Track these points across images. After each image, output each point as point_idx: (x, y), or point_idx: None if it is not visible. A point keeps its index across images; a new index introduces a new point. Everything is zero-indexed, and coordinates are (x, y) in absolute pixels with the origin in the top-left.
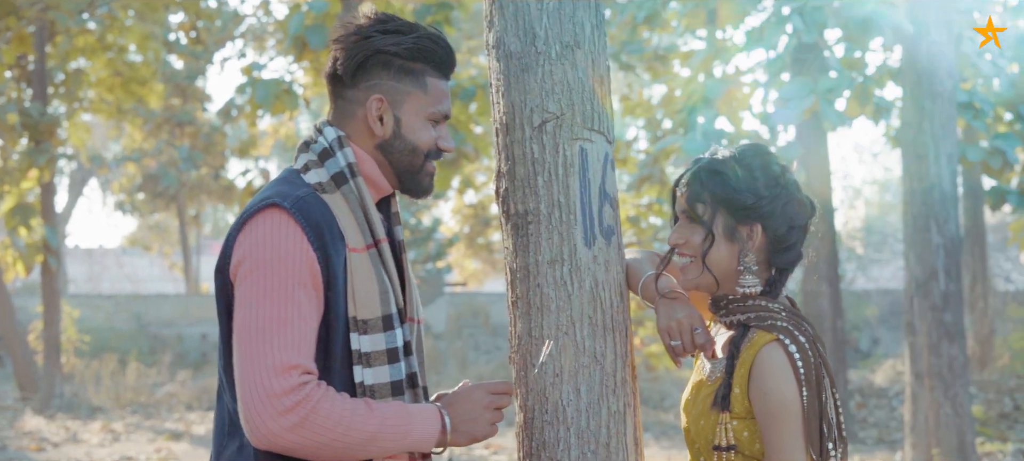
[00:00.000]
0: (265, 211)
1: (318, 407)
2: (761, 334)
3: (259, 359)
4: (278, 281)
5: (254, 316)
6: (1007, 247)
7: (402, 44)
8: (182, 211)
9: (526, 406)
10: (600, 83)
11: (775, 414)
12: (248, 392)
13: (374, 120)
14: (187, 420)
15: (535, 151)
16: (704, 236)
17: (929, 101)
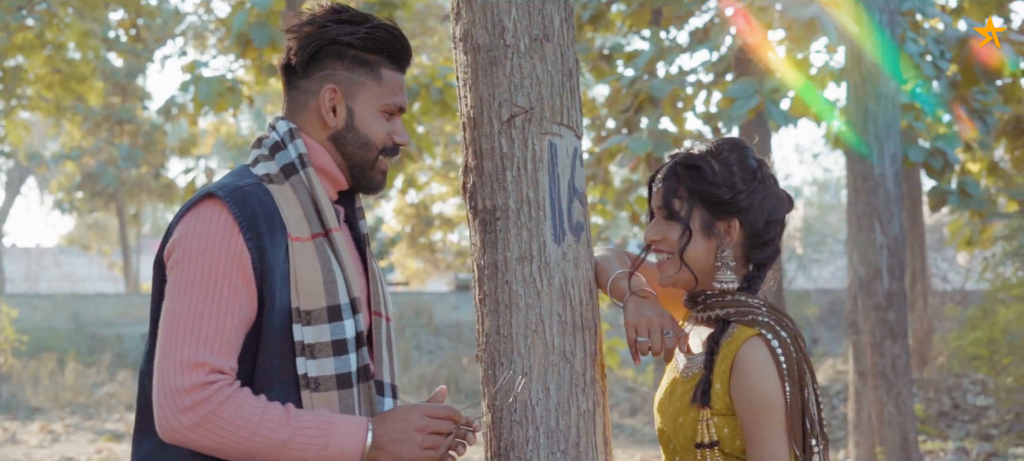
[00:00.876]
0: (202, 202)
1: (221, 408)
2: (742, 329)
3: (171, 354)
4: (201, 274)
5: (174, 310)
6: (944, 247)
7: (356, 34)
8: (122, 210)
9: (494, 406)
10: (569, 77)
11: (758, 409)
12: (157, 385)
13: (327, 111)
14: (127, 421)
15: (503, 146)
16: (681, 232)
17: (873, 102)
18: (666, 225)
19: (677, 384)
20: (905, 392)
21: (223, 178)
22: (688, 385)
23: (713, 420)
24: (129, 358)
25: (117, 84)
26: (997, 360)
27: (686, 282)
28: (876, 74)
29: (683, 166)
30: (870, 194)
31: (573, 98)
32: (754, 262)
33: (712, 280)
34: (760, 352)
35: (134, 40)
